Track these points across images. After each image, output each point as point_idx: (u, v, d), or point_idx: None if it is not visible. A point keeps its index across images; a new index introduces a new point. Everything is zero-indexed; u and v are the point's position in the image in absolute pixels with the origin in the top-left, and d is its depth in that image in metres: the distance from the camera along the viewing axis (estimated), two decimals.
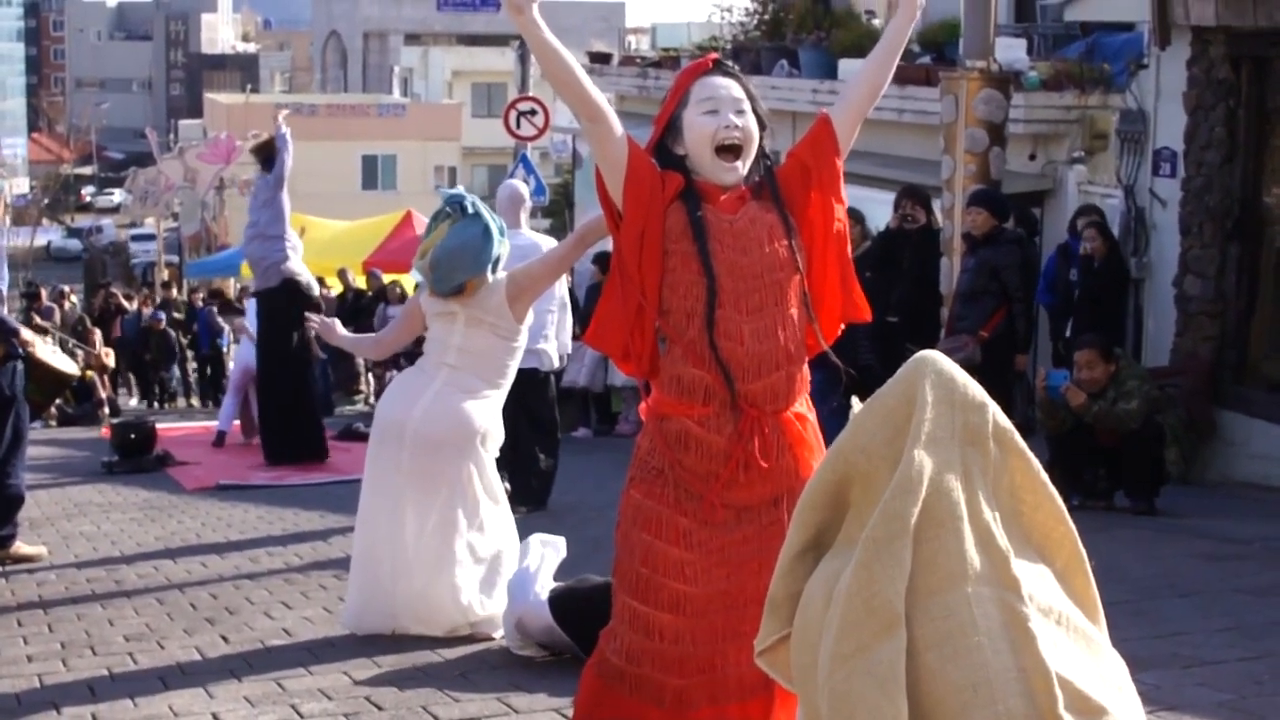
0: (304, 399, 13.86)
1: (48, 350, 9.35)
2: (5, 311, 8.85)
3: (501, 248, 6.82)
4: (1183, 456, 11.16)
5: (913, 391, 3.12)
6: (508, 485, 7.33)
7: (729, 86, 4.51)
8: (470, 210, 6.82)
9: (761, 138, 4.53)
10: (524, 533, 7.00)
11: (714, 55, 4.91)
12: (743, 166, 4.48)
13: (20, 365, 8.78)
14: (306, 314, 8.26)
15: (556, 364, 10.35)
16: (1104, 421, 10.07)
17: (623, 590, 4.48)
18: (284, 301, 13.22)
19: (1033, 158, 14.60)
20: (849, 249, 4.59)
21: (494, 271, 6.79)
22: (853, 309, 4.58)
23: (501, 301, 6.77)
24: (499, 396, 6.98)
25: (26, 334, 9.01)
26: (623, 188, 4.42)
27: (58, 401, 16.16)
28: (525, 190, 10.46)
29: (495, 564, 6.85)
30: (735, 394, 4.33)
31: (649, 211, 4.39)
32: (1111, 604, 3.31)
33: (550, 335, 10.08)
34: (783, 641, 3.23)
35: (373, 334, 8.95)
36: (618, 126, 4.46)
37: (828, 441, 4.44)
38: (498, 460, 7.12)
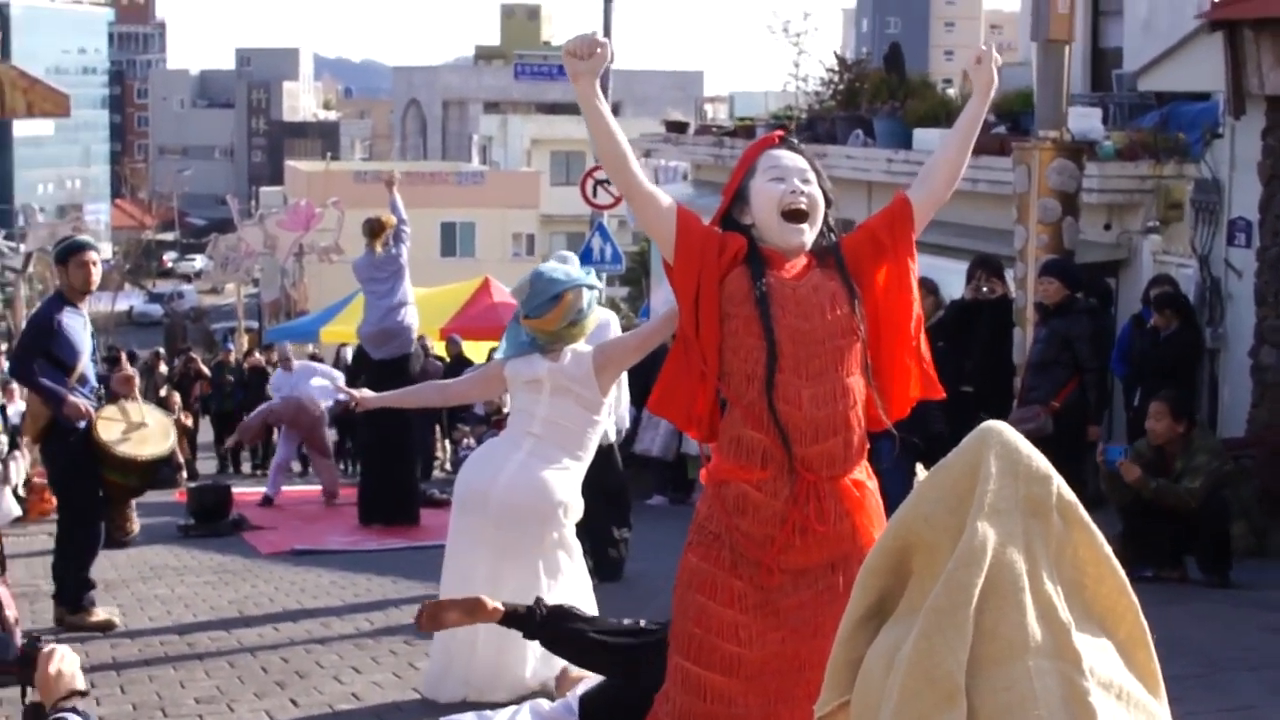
0: (410, 462, 14.72)
1: (118, 430, 9.22)
2: (79, 385, 8.78)
3: (600, 296, 7.00)
4: (1254, 529, 11.04)
5: (977, 462, 3.12)
6: (589, 560, 7.38)
7: (794, 159, 4.58)
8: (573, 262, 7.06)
9: (826, 212, 4.58)
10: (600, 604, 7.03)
11: (780, 131, 4.98)
12: (810, 231, 4.52)
13: (79, 437, 8.80)
14: (344, 389, 8.32)
15: (613, 436, 10.30)
16: (1163, 499, 9.90)
17: (677, 652, 4.50)
18: (407, 366, 13.97)
19: (1108, 227, 14.56)
20: (923, 326, 4.63)
21: (590, 306, 6.87)
22: (929, 387, 4.61)
23: (589, 371, 6.83)
24: (580, 469, 7.02)
25: (92, 409, 8.89)
26: (673, 256, 4.48)
27: None
28: (574, 259, 10.58)
29: None
30: (793, 458, 4.35)
31: (701, 273, 4.44)
32: (1183, 677, 3.30)
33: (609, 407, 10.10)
34: (842, 708, 3.23)
35: (438, 381, 9.07)
36: (663, 200, 4.54)
37: (885, 501, 4.47)
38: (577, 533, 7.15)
